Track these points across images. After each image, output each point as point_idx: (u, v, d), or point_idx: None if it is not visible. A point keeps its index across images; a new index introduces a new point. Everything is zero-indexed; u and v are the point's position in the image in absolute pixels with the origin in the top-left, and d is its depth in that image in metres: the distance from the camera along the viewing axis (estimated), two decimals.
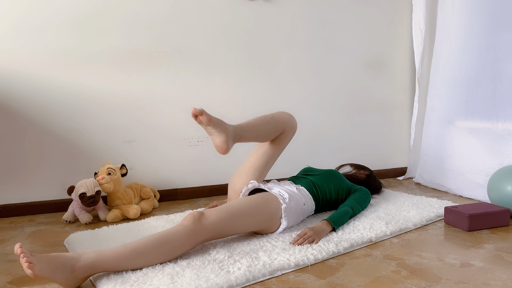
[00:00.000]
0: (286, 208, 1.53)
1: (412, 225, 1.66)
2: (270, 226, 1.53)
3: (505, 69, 2.05)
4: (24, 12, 1.96)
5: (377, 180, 2.21)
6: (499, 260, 1.32)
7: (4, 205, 1.98)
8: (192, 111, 1.37)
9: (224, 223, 1.38)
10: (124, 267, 1.21)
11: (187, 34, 2.25)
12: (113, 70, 2.13)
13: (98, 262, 1.16)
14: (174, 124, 2.26)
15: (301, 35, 2.51)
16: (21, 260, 1.07)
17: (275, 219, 1.52)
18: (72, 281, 1.14)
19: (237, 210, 1.44)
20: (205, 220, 1.34)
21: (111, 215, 1.84)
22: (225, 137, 1.45)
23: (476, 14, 2.19)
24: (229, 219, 1.40)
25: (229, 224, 1.40)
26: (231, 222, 1.41)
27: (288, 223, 1.56)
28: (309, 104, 2.58)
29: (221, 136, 1.45)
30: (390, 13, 2.75)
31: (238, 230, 1.45)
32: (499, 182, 1.82)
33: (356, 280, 1.18)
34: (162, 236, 1.27)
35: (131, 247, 1.23)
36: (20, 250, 1.08)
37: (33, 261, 1.07)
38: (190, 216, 1.32)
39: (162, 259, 1.26)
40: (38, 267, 1.08)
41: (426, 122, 2.57)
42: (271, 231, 1.55)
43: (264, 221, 1.50)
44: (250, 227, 1.49)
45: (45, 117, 2.03)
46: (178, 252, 1.29)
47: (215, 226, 1.35)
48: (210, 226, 1.34)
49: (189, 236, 1.30)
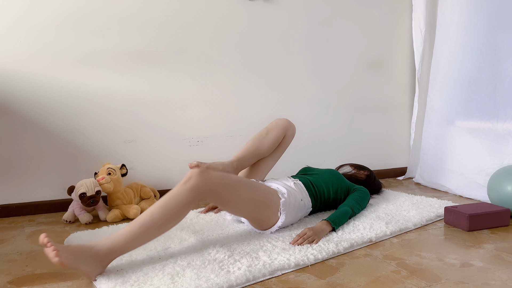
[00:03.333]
0: (284, 202, 1.54)
1: (412, 225, 1.66)
2: (268, 216, 1.52)
3: (505, 69, 2.05)
4: (24, 12, 1.96)
5: (377, 180, 2.21)
6: (499, 260, 1.32)
7: (4, 205, 1.98)
8: (189, 165, 1.44)
9: (227, 186, 1.39)
10: (139, 243, 1.26)
11: (187, 34, 2.25)
12: (113, 70, 2.13)
13: (113, 248, 1.20)
14: (174, 124, 2.26)
15: (301, 35, 2.51)
16: (48, 249, 1.11)
17: (273, 209, 1.52)
18: (96, 269, 1.19)
19: (240, 181, 1.47)
20: (210, 172, 1.34)
21: (111, 215, 1.84)
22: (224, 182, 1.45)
23: (476, 14, 2.19)
24: (232, 184, 1.41)
25: (231, 189, 1.40)
26: (234, 188, 1.41)
27: (286, 217, 1.55)
28: (309, 104, 2.58)
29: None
30: (390, 13, 2.75)
31: (238, 202, 1.44)
32: (499, 182, 1.82)
33: (356, 280, 1.18)
34: (166, 202, 1.28)
35: (138, 223, 1.24)
36: (47, 240, 1.12)
37: (59, 249, 1.11)
38: (195, 170, 1.33)
39: (171, 224, 1.29)
40: (64, 255, 1.11)
41: (426, 122, 2.57)
42: (269, 224, 1.54)
43: (263, 206, 1.50)
44: (250, 205, 1.47)
45: (45, 117, 2.03)
46: (184, 212, 1.31)
47: (218, 183, 1.35)
48: (213, 180, 1.34)
49: (193, 191, 1.29)
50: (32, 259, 1.40)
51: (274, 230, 1.56)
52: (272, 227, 1.55)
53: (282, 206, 1.53)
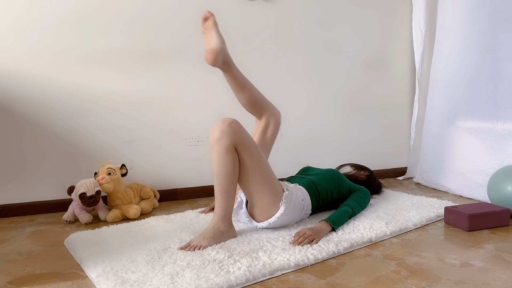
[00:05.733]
0: (287, 195, 1.55)
1: (412, 225, 1.66)
2: (269, 203, 1.53)
3: (505, 69, 2.05)
4: (24, 12, 1.96)
5: (377, 180, 2.21)
6: (499, 260, 1.32)
7: (4, 205, 1.98)
8: (205, 13, 1.65)
9: (248, 142, 1.47)
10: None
11: (187, 34, 2.25)
12: (113, 70, 2.13)
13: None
14: (174, 124, 2.26)
15: (301, 36, 2.51)
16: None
17: (275, 198, 1.53)
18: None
19: (260, 152, 1.53)
20: (236, 122, 1.47)
21: (111, 215, 1.84)
22: (219, 47, 1.59)
23: (476, 14, 2.19)
24: (252, 145, 1.49)
25: (250, 148, 1.48)
26: (253, 150, 1.48)
27: (285, 211, 1.55)
28: (310, 104, 2.58)
29: (217, 44, 1.59)
30: (390, 13, 2.75)
31: (253, 167, 1.48)
32: (499, 182, 1.82)
33: (356, 280, 1.18)
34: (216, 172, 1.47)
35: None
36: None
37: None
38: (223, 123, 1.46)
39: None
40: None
41: (426, 122, 2.57)
42: (268, 214, 1.54)
43: (269, 187, 1.51)
44: (261, 176, 1.50)
45: (45, 117, 2.03)
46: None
47: (240, 136, 1.45)
48: (237, 130, 1.45)
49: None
50: (32, 259, 1.40)
51: (272, 222, 1.55)
52: (270, 219, 1.55)
53: (285, 198, 1.54)
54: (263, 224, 1.57)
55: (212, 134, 1.46)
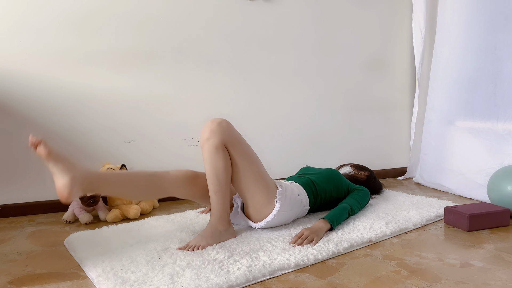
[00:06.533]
0: (281, 191, 1.55)
1: (412, 225, 1.66)
2: (263, 203, 1.52)
3: (505, 69, 2.05)
4: (24, 12, 1.96)
5: (377, 181, 2.21)
6: (499, 260, 1.32)
7: (4, 205, 1.98)
8: (29, 138, 1.19)
9: (238, 141, 1.47)
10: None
11: (187, 34, 2.25)
12: (113, 69, 2.13)
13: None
14: (174, 124, 2.26)
15: (301, 35, 2.51)
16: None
17: (269, 196, 1.53)
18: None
19: (251, 151, 1.52)
20: (226, 122, 1.48)
21: (111, 215, 1.84)
22: (69, 180, 1.22)
23: (476, 14, 2.19)
24: (243, 144, 1.49)
25: (241, 146, 1.48)
26: (243, 148, 1.49)
27: (281, 207, 1.54)
28: (310, 104, 2.58)
29: (64, 177, 1.22)
30: (390, 13, 2.75)
31: (246, 165, 1.48)
32: (499, 182, 1.82)
33: (356, 280, 1.18)
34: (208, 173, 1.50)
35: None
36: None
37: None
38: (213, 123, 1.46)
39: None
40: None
41: (426, 122, 2.57)
42: (264, 213, 1.54)
43: (262, 185, 1.51)
44: (253, 174, 1.49)
45: (45, 117, 2.03)
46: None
47: (229, 135, 1.45)
48: (226, 129, 1.45)
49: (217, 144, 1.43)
50: (32, 259, 1.40)
51: (269, 220, 1.55)
52: (267, 217, 1.54)
53: (279, 195, 1.54)
54: (261, 224, 1.57)
55: (202, 134, 1.47)
